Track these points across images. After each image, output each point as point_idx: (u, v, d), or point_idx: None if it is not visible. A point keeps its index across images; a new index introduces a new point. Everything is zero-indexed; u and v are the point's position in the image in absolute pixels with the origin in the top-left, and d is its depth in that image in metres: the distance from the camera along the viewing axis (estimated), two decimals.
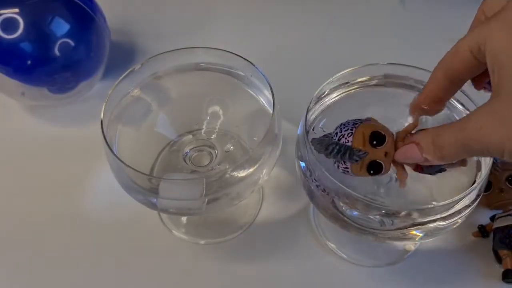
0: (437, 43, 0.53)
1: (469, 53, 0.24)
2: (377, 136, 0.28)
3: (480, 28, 0.24)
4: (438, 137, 0.25)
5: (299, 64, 0.54)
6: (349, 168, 0.29)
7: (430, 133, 0.26)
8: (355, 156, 0.28)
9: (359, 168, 0.28)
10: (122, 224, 0.42)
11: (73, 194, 0.44)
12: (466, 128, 0.23)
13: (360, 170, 0.28)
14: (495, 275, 0.39)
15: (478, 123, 0.23)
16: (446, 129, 0.25)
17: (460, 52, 0.25)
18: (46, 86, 0.46)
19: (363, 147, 0.28)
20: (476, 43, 0.24)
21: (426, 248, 0.40)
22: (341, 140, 0.28)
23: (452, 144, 0.24)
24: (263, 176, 0.35)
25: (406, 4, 0.59)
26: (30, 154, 0.47)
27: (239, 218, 0.43)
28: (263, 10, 0.60)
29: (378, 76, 0.37)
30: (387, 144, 0.28)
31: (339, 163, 0.29)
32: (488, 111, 0.23)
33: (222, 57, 0.38)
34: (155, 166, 0.39)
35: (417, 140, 0.26)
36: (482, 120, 0.23)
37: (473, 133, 0.23)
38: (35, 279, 0.40)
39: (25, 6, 0.42)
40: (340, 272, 0.40)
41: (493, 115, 0.22)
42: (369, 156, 0.28)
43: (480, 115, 0.23)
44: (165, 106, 0.41)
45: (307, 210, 0.43)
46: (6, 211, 0.43)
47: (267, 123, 0.33)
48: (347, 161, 0.28)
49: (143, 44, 0.56)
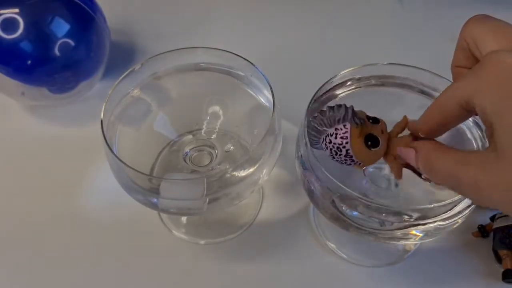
0: (437, 43, 0.53)
1: (459, 107, 0.25)
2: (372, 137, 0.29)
3: (465, 84, 0.24)
4: (435, 159, 0.25)
5: (299, 64, 0.54)
6: (348, 133, 0.28)
7: (428, 150, 0.26)
8: (357, 119, 0.28)
9: (358, 133, 0.28)
10: (122, 224, 0.42)
11: (73, 194, 0.44)
12: (461, 173, 0.24)
13: (359, 136, 0.28)
14: (495, 275, 0.39)
15: (475, 175, 0.23)
16: (445, 154, 0.25)
17: (449, 106, 0.25)
18: (46, 86, 0.46)
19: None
20: (465, 97, 0.24)
21: (426, 248, 0.40)
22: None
23: (444, 174, 0.25)
24: (263, 176, 0.35)
25: (404, 4, 0.59)
26: (30, 154, 0.47)
27: (239, 218, 0.43)
28: (263, 10, 0.60)
29: (378, 76, 0.37)
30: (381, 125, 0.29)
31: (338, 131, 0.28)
32: (485, 165, 0.23)
33: (222, 57, 0.38)
34: (155, 166, 0.39)
35: (417, 148, 0.27)
36: (479, 174, 0.23)
37: (467, 181, 0.23)
38: (35, 279, 0.40)
39: (25, 6, 0.42)
40: (340, 272, 0.40)
41: (491, 174, 0.22)
42: (367, 129, 0.29)
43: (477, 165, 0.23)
44: (165, 106, 0.41)
45: (307, 210, 0.43)
46: (6, 211, 0.43)
47: (267, 121, 0.33)
48: (348, 123, 0.28)
49: (143, 44, 0.56)
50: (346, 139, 0.28)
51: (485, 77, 0.23)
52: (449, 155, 0.25)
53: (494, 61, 0.23)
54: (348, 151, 0.28)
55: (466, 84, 0.24)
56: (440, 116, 0.26)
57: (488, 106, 0.23)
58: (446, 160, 0.25)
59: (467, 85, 0.24)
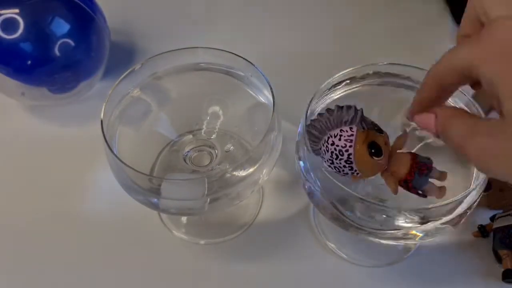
0: (437, 43, 0.53)
1: (461, 72, 0.24)
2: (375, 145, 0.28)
3: (468, 51, 0.23)
4: (449, 125, 0.25)
5: (299, 64, 0.54)
6: (354, 136, 0.28)
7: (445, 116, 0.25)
8: (364, 123, 0.28)
9: (363, 138, 0.28)
10: (122, 224, 0.42)
11: (73, 194, 0.44)
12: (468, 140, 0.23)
13: (363, 142, 0.28)
14: (495, 275, 0.39)
15: (482, 143, 0.23)
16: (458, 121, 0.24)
17: (452, 69, 0.24)
18: (46, 86, 0.46)
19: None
20: (467, 65, 0.23)
21: (426, 248, 0.40)
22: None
23: (455, 142, 0.24)
24: (263, 176, 0.35)
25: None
26: (30, 154, 0.47)
27: (239, 218, 0.43)
28: (263, 10, 0.60)
29: (378, 76, 0.37)
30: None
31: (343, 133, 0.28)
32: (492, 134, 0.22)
33: (222, 57, 0.38)
34: (155, 166, 0.39)
35: (437, 114, 0.26)
36: (485, 142, 0.22)
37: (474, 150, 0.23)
38: (35, 279, 0.40)
39: (25, 6, 0.42)
40: (340, 272, 0.40)
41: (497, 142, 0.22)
42: (372, 137, 0.28)
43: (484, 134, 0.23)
44: (165, 106, 0.41)
45: (307, 210, 0.43)
46: (6, 211, 0.43)
47: (267, 121, 0.33)
48: (355, 126, 0.28)
49: (143, 44, 0.56)
50: (350, 142, 0.28)
51: (491, 43, 0.22)
52: (462, 122, 0.24)
53: (501, 26, 0.22)
54: (349, 156, 0.28)
55: (469, 52, 0.23)
56: (440, 86, 0.25)
57: (494, 76, 0.22)
58: (458, 127, 0.24)
59: (470, 52, 0.23)
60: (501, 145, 0.22)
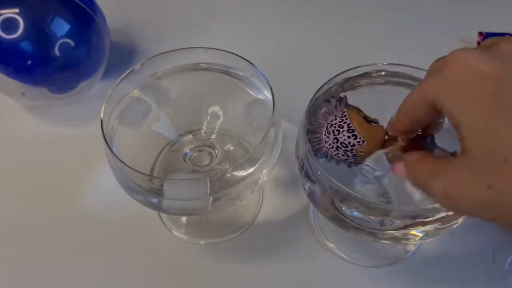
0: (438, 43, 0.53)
1: (426, 106, 0.25)
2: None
3: (432, 82, 0.24)
4: (416, 170, 0.26)
5: (299, 64, 0.54)
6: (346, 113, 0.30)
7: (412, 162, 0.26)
8: (351, 106, 0.30)
9: (355, 111, 0.30)
10: (122, 224, 0.42)
11: (73, 194, 0.44)
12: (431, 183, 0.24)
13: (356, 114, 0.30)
14: (495, 275, 0.39)
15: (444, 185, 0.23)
16: (422, 166, 0.25)
17: (419, 104, 0.25)
18: (46, 86, 0.46)
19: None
20: (430, 98, 0.24)
21: (426, 248, 0.40)
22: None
23: (421, 186, 0.25)
24: (263, 176, 0.35)
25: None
26: (30, 154, 0.47)
27: (239, 218, 0.43)
28: (263, 10, 0.60)
29: (378, 76, 0.37)
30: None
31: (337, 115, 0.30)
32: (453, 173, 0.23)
33: (222, 57, 0.38)
34: (155, 166, 0.39)
35: (406, 161, 0.27)
36: (447, 184, 0.23)
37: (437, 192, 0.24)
38: (35, 279, 0.40)
39: (25, 6, 0.42)
40: (340, 272, 0.40)
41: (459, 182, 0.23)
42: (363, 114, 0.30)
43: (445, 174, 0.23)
44: (165, 106, 0.41)
45: (307, 210, 0.43)
46: (6, 211, 0.43)
47: (267, 121, 0.33)
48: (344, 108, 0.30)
49: (143, 44, 0.56)
50: (345, 117, 0.30)
51: (451, 78, 0.23)
52: (426, 165, 0.25)
53: (457, 61, 0.23)
54: (349, 126, 0.29)
55: (432, 84, 0.24)
56: (411, 116, 0.26)
57: (455, 111, 0.23)
58: (422, 170, 0.25)
59: (434, 84, 0.24)
60: (463, 185, 0.22)
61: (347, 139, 0.29)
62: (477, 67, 0.22)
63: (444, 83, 0.23)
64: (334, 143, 0.30)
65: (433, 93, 0.24)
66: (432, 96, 0.24)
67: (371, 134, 0.29)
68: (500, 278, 0.38)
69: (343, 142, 0.30)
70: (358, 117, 0.30)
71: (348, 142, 0.29)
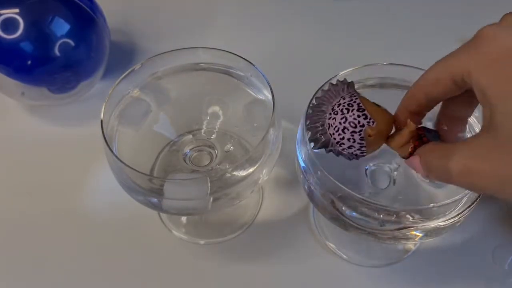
0: (438, 43, 0.53)
1: (451, 82, 0.24)
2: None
3: (462, 57, 0.24)
4: (430, 159, 0.25)
5: (299, 64, 0.54)
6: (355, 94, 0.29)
7: (425, 153, 0.26)
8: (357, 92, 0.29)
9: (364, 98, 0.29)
10: (122, 224, 0.42)
11: (73, 194, 0.44)
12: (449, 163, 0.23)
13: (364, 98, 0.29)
14: (495, 275, 0.39)
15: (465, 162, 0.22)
16: (437, 151, 0.25)
17: (442, 80, 0.25)
18: (46, 86, 0.46)
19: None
20: (459, 73, 0.23)
21: (426, 248, 0.40)
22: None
23: (439, 171, 0.24)
24: (263, 176, 0.35)
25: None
26: (30, 154, 0.47)
27: (239, 218, 0.43)
28: (263, 10, 0.60)
29: (377, 76, 0.37)
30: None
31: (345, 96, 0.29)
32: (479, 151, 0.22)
33: (222, 57, 0.38)
34: (155, 166, 0.39)
35: (419, 154, 0.27)
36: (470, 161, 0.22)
37: (457, 170, 0.23)
38: (35, 279, 0.40)
39: (25, 6, 0.42)
40: (340, 272, 0.40)
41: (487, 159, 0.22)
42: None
43: (466, 152, 0.23)
44: (165, 106, 0.41)
45: (307, 210, 0.43)
46: (6, 211, 0.43)
47: (267, 121, 0.33)
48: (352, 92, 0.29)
49: (143, 44, 0.56)
50: (355, 97, 0.29)
51: (484, 55, 0.23)
52: (440, 150, 0.25)
53: (489, 37, 0.23)
54: (360, 105, 0.28)
55: (463, 60, 0.23)
56: (430, 92, 0.26)
57: (489, 89, 0.22)
58: (437, 155, 0.25)
59: (465, 60, 0.23)
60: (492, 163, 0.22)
61: (357, 118, 0.28)
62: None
63: (478, 58, 0.23)
64: (341, 124, 0.28)
65: (462, 69, 0.23)
66: (461, 72, 0.23)
67: (381, 116, 0.29)
68: (500, 278, 0.38)
69: (352, 122, 0.28)
70: (366, 100, 0.29)
71: (358, 121, 0.28)
